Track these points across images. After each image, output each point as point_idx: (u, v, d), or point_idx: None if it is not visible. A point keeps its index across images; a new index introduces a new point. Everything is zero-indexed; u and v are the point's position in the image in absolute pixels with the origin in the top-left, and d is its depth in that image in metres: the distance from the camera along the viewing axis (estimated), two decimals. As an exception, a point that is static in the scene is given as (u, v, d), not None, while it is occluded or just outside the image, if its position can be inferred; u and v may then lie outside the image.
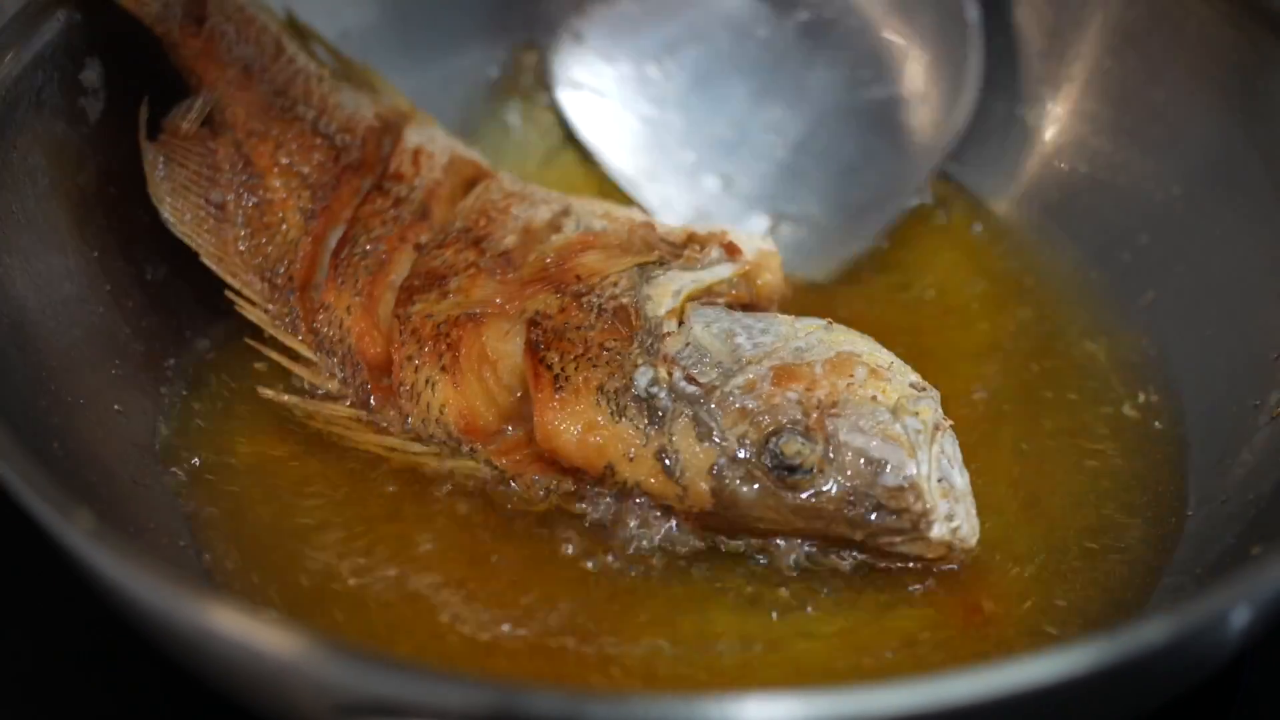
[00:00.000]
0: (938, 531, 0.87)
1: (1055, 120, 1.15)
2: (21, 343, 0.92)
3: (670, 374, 0.90)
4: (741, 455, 0.88)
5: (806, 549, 0.90)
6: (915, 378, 0.91)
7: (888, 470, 0.86)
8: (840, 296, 1.10)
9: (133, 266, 1.04)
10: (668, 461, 0.89)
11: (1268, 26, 1.04)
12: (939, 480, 0.87)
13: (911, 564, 0.89)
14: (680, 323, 0.94)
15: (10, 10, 1.02)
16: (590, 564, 0.90)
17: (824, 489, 0.87)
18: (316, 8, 1.12)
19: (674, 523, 0.91)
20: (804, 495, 0.87)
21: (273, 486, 0.96)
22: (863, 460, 0.87)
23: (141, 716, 0.92)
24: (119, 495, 0.92)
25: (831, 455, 0.87)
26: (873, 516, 0.87)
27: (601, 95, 1.21)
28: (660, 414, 0.90)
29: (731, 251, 0.98)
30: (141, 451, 0.97)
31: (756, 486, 0.88)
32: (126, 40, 1.04)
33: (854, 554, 0.89)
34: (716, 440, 0.88)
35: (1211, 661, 0.81)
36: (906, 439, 0.87)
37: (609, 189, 1.18)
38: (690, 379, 0.90)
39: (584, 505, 0.92)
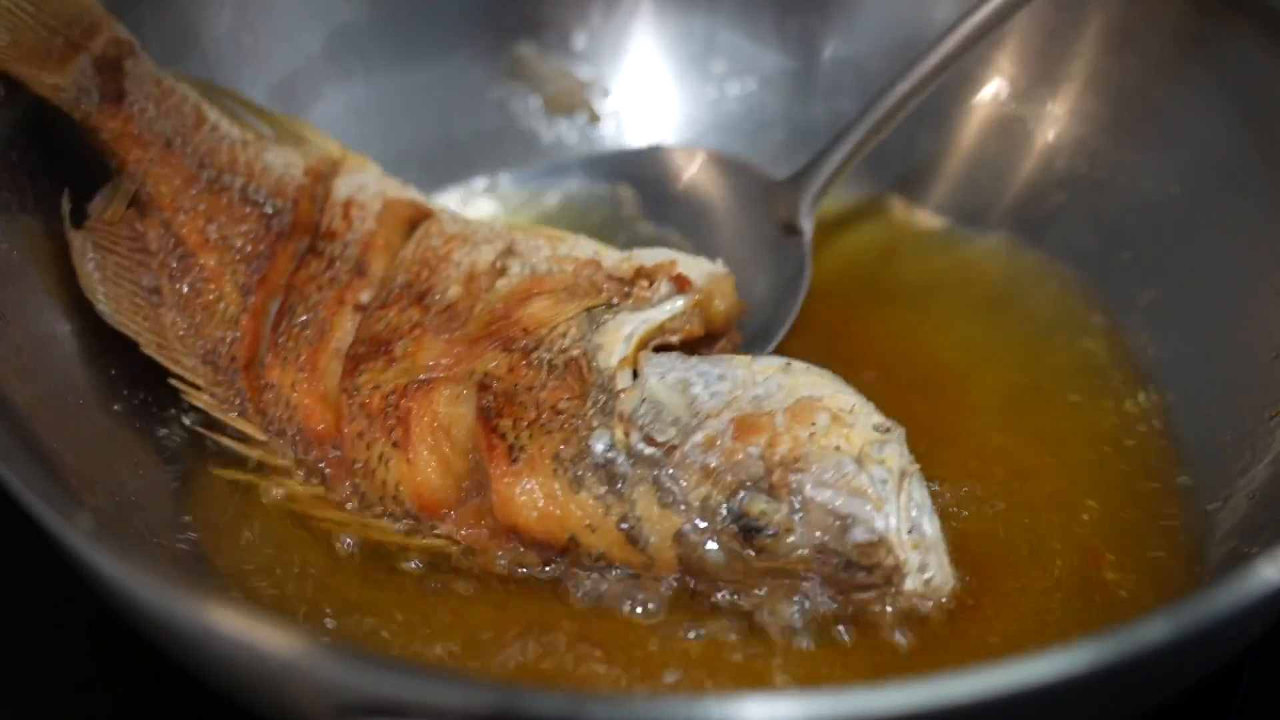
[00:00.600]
0: (911, 585, 0.84)
1: (1055, 120, 1.15)
2: (21, 343, 0.92)
3: (628, 435, 0.87)
4: (705, 521, 0.85)
5: (797, 607, 0.86)
6: (879, 418, 0.88)
7: (856, 526, 0.84)
8: (833, 302, 1.09)
9: (132, 266, 1.04)
10: (631, 530, 0.86)
11: (1266, 26, 1.04)
12: (909, 532, 0.84)
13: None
14: (634, 374, 0.91)
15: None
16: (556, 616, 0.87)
17: (792, 548, 0.84)
18: (312, 5, 1.12)
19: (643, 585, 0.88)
20: (771, 556, 0.85)
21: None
22: (830, 517, 0.84)
23: (141, 716, 0.92)
24: (119, 495, 0.92)
25: (797, 513, 0.84)
26: (844, 573, 0.84)
27: None
28: (619, 480, 0.87)
29: (681, 284, 0.95)
30: (141, 451, 0.97)
31: (722, 550, 0.85)
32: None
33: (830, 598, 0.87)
34: (680, 506, 0.86)
35: (1211, 661, 0.81)
36: (873, 491, 0.84)
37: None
38: (649, 440, 0.87)
39: (548, 571, 0.89)
